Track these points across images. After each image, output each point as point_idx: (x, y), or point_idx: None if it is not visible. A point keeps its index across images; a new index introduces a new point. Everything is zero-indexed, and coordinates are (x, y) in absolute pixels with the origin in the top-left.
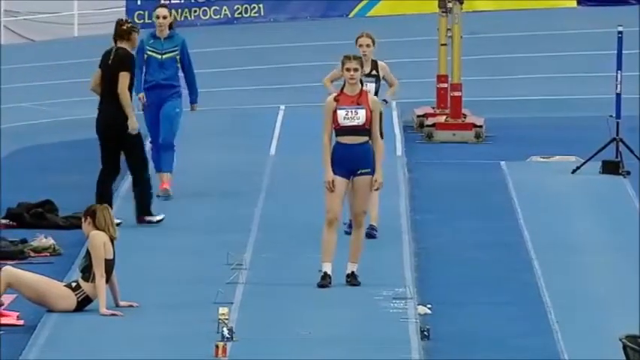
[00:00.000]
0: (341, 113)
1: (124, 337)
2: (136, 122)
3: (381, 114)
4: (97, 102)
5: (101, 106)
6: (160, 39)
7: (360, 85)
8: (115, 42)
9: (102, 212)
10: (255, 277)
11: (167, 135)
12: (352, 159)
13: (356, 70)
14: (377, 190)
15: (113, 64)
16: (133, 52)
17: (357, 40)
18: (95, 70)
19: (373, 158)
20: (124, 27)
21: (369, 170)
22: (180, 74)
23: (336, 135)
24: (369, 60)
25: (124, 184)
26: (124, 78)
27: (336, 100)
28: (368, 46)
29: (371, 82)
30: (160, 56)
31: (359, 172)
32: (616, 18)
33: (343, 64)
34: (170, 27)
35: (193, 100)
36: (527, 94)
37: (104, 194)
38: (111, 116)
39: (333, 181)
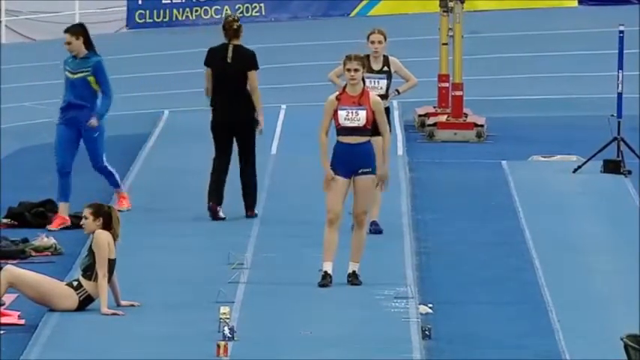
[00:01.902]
0: (342, 114)
1: (125, 336)
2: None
3: (387, 109)
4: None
5: (220, 103)
6: (77, 58)
7: (362, 84)
8: (229, 40)
9: (116, 214)
10: (256, 277)
11: (94, 161)
12: (353, 158)
13: (356, 70)
14: (378, 186)
15: (236, 62)
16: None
17: (368, 37)
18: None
19: (374, 158)
20: (235, 26)
21: (370, 170)
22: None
23: (337, 134)
24: (380, 56)
25: (125, 184)
26: (255, 76)
27: (337, 99)
28: (380, 42)
29: (382, 78)
30: (71, 75)
31: (360, 171)
32: (617, 17)
33: (344, 64)
34: (88, 47)
35: (93, 115)
36: (528, 93)
37: (220, 186)
38: (234, 113)
39: (332, 178)
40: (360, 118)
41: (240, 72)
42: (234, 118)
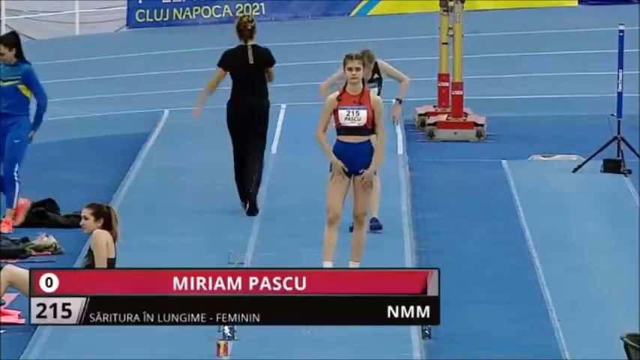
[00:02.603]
0: (342, 113)
1: (125, 336)
2: None
3: None
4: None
5: (242, 102)
6: (8, 65)
7: (362, 84)
8: (245, 41)
9: (115, 214)
10: None
11: (6, 167)
12: (352, 158)
13: (358, 69)
14: (364, 185)
15: (257, 62)
16: None
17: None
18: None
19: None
20: (249, 27)
21: None
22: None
23: (337, 133)
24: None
25: (125, 184)
26: (274, 71)
27: (338, 99)
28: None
29: (373, 86)
30: (2, 83)
31: (360, 171)
32: (617, 17)
33: (345, 63)
34: (18, 56)
35: (33, 127)
36: (528, 92)
37: (247, 183)
38: (254, 104)
39: (342, 166)
40: (361, 117)
41: (263, 70)
42: (253, 108)
